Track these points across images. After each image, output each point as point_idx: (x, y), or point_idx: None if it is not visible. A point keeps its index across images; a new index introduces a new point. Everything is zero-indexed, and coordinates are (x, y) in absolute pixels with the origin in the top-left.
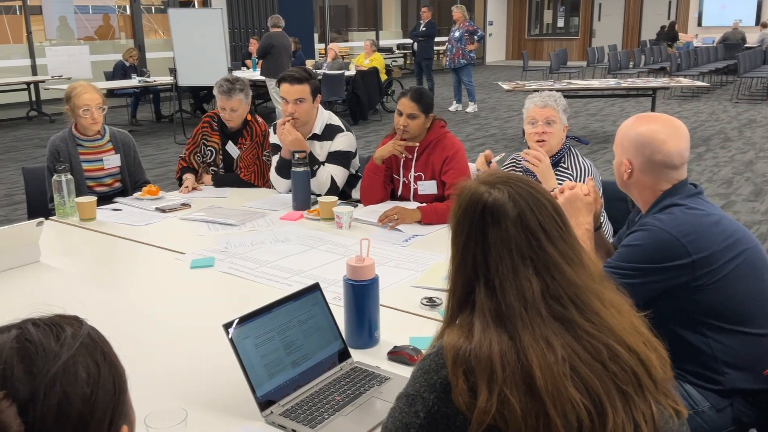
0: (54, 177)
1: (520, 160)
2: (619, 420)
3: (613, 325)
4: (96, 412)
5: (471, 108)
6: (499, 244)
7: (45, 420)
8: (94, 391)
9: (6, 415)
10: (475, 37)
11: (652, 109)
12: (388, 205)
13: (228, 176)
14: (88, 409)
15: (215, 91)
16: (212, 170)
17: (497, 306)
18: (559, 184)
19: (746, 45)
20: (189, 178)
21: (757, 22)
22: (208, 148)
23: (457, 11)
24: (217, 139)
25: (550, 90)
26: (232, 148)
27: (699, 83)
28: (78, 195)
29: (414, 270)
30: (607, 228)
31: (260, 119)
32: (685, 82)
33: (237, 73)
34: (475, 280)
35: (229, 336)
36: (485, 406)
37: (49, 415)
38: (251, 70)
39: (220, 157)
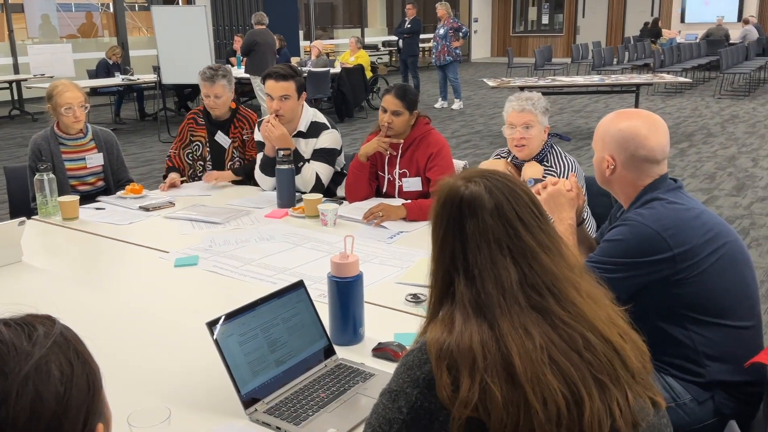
0: (36, 176)
1: (505, 156)
2: (595, 408)
3: (588, 314)
4: (70, 410)
5: (456, 105)
6: (476, 234)
7: (18, 419)
8: (67, 389)
9: None
10: (460, 33)
11: (636, 106)
12: (373, 202)
13: (252, 167)
14: (62, 408)
15: (198, 80)
16: (200, 164)
17: (476, 295)
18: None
19: (730, 42)
20: (171, 176)
21: (739, 18)
22: (194, 142)
23: (442, 8)
24: (203, 132)
25: (535, 87)
26: (222, 138)
27: (682, 79)
28: (60, 194)
29: (399, 267)
30: (591, 224)
31: (249, 110)
32: (668, 78)
33: None
34: (455, 272)
35: (214, 336)
36: (467, 395)
37: (22, 415)
38: (236, 67)
39: (207, 149)
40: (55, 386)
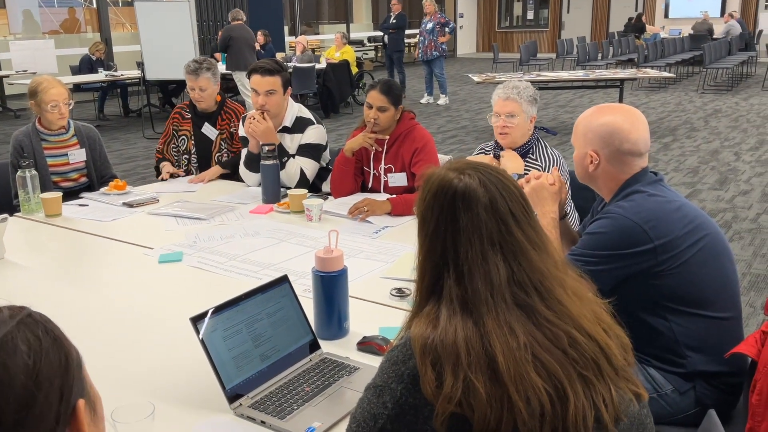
0: (18, 173)
1: (488, 151)
2: (579, 404)
3: (574, 313)
4: (42, 383)
5: (442, 100)
6: (469, 229)
7: None
8: (36, 362)
9: None
10: (447, 29)
11: (620, 100)
12: (358, 198)
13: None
14: (32, 380)
15: (184, 73)
16: (185, 158)
17: (464, 292)
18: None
19: (714, 37)
20: (166, 165)
21: (722, 13)
22: (180, 136)
23: (429, 3)
24: (189, 125)
25: (519, 81)
26: (209, 130)
27: (666, 74)
28: (43, 191)
29: (384, 261)
30: (574, 218)
31: (236, 103)
32: (652, 73)
33: None
34: (444, 267)
35: (198, 332)
36: (450, 391)
37: None
38: (220, 63)
39: (192, 142)
40: (23, 359)
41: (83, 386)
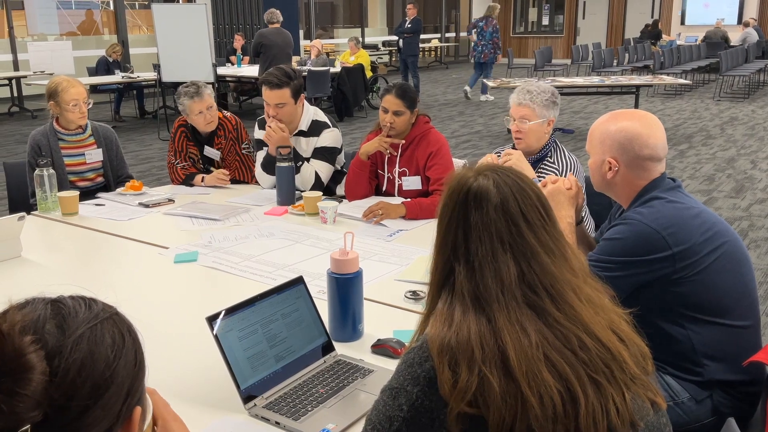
0: (36, 171)
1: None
2: (590, 406)
3: (585, 318)
4: (116, 377)
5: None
6: (479, 226)
7: (68, 371)
8: (117, 357)
9: (34, 356)
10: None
11: (635, 107)
12: (372, 201)
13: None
14: (109, 373)
15: (184, 101)
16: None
17: (476, 287)
18: (543, 178)
19: (729, 44)
20: (207, 176)
21: (740, 20)
22: (189, 157)
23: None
24: (195, 150)
25: (536, 82)
26: (211, 152)
27: (682, 81)
28: (60, 190)
29: (398, 264)
30: (590, 223)
31: (227, 113)
32: (668, 80)
33: (221, 70)
34: (455, 261)
35: (214, 331)
36: (465, 385)
37: (73, 368)
38: (236, 66)
39: (201, 166)
40: (107, 351)
41: (143, 394)
